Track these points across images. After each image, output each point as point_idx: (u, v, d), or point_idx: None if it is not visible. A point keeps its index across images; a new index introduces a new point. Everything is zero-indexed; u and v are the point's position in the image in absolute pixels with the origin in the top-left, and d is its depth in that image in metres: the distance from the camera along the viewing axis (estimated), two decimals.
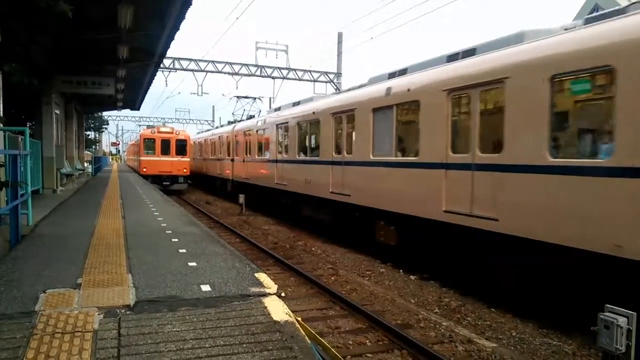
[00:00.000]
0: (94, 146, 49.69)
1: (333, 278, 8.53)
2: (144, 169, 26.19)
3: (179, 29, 11.43)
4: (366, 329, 6.04)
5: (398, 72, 9.56)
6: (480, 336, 5.85)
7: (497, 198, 6.65)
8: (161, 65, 18.96)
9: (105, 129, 56.33)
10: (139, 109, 30.48)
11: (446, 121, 7.67)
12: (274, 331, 3.44)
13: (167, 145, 26.35)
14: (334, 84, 25.94)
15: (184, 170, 26.63)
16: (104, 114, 44.74)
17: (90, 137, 45.75)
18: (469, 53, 7.76)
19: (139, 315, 3.66)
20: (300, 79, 26.31)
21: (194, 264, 5.37)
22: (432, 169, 7.92)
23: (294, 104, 15.39)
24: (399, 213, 8.83)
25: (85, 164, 29.59)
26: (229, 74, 25.18)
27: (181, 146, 26.76)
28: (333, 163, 11.45)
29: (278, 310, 3.88)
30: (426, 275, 8.55)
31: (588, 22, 5.99)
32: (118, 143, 74.96)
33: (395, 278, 8.55)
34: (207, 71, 24.89)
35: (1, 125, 7.88)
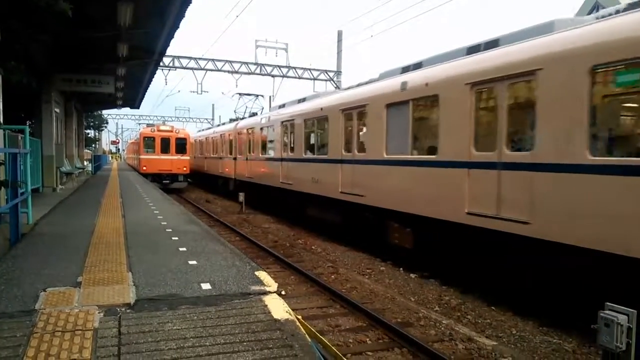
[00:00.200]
0: (93, 145, 49.66)
1: (333, 276, 8.53)
2: (144, 168, 26.18)
3: (178, 27, 11.41)
4: (366, 327, 6.05)
5: (412, 66, 9.08)
6: (480, 334, 5.86)
7: (529, 200, 6.13)
8: (161, 64, 18.97)
9: (105, 127, 56.29)
10: (138, 108, 30.45)
11: (469, 117, 7.17)
12: (274, 329, 3.44)
13: (167, 143, 26.34)
14: (333, 82, 25.91)
15: (184, 168, 26.63)
16: (104, 112, 44.70)
17: (90, 136, 45.70)
18: (492, 45, 7.28)
19: (139, 313, 3.66)
20: (300, 77, 26.28)
21: (194, 262, 5.37)
22: (453, 168, 7.43)
23: (300, 100, 14.97)
24: (415, 215, 8.35)
25: (85, 163, 29.57)
26: (228, 72, 25.15)
27: (181, 145, 26.75)
28: (343, 162, 10.96)
29: (278, 308, 3.88)
30: (426, 274, 8.55)
31: (634, 8, 5.43)
32: (118, 141, 74.90)
33: (395, 276, 8.55)
34: (207, 69, 24.87)
35: (1, 124, 7.87)
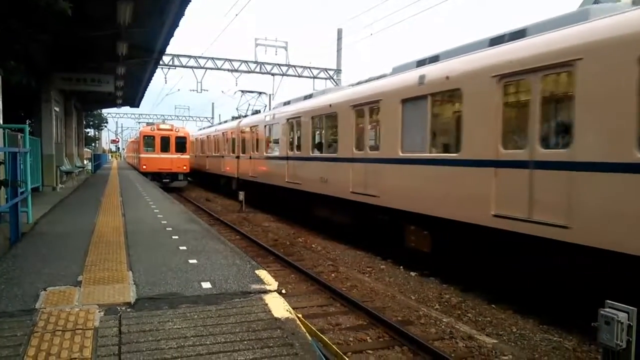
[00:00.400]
0: (93, 144, 49.65)
1: (333, 275, 8.54)
2: (144, 167, 26.18)
3: (178, 26, 11.38)
4: (367, 325, 6.05)
5: (429, 60, 8.65)
6: (480, 332, 5.86)
7: (567, 202, 5.64)
8: (161, 62, 18.95)
9: (105, 126, 56.27)
10: (138, 106, 30.41)
11: (495, 112, 6.68)
12: (274, 328, 3.44)
13: (167, 142, 26.33)
14: (333, 80, 25.89)
15: (184, 167, 26.62)
16: (104, 111, 44.69)
17: (89, 135, 45.70)
18: (518, 35, 6.85)
19: (139, 312, 3.66)
20: (299, 76, 26.28)
21: (195, 261, 5.36)
22: (478, 167, 6.95)
23: (306, 97, 14.55)
24: (434, 217, 7.88)
25: (85, 162, 29.56)
26: (228, 70, 25.15)
27: (181, 143, 26.73)
28: (354, 160, 10.47)
29: (279, 307, 3.88)
30: (426, 272, 8.55)
31: None
32: (117, 140, 74.91)
33: (395, 275, 8.55)
34: (207, 68, 24.86)
35: (0, 123, 7.87)
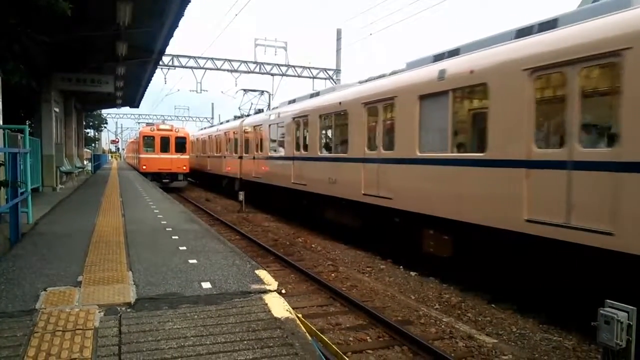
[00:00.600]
0: (93, 144, 49.66)
1: (333, 275, 8.54)
2: (144, 167, 26.18)
3: (178, 26, 11.39)
4: (367, 325, 6.05)
5: (447, 54, 8.17)
6: (480, 332, 5.87)
7: (612, 206, 5.18)
8: (160, 63, 18.96)
9: (105, 126, 56.30)
10: (138, 107, 30.44)
11: (527, 108, 6.17)
12: (274, 328, 3.44)
13: (167, 142, 26.34)
14: (332, 80, 25.91)
15: (184, 167, 26.62)
16: (104, 111, 44.71)
17: (89, 135, 45.72)
18: (549, 25, 6.38)
19: (139, 312, 3.66)
20: (299, 76, 26.31)
21: (195, 261, 5.37)
22: (507, 167, 6.46)
23: (312, 95, 14.18)
24: (456, 221, 7.40)
25: (85, 162, 29.57)
26: (228, 71, 25.19)
27: (181, 144, 26.73)
28: (365, 160, 10.03)
29: (279, 307, 3.88)
30: (426, 272, 8.55)
31: None
32: (117, 141, 74.90)
33: (395, 274, 8.56)
34: (206, 68, 24.90)
35: (1, 123, 7.87)
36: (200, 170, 29.47)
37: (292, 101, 15.57)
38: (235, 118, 24.20)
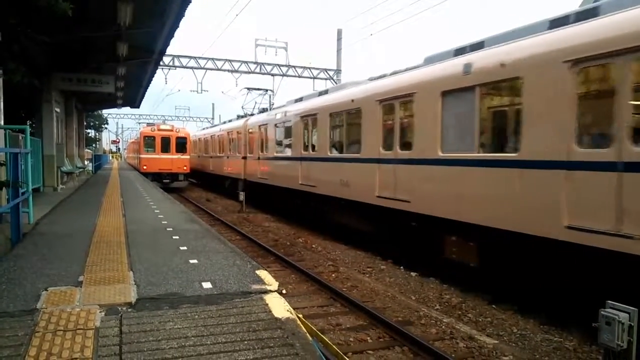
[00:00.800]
0: (94, 144, 49.71)
1: (334, 275, 8.54)
2: (144, 167, 26.21)
3: (178, 27, 11.41)
4: (367, 325, 6.05)
5: (470, 47, 7.62)
6: (481, 333, 5.87)
7: None
8: (161, 63, 18.98)
9: (105, 127, 56.35)
10: (139, 107, 30.48)
11: (568, 103, 5.62)
12: (275, 328, 3.45)
13: (167, 142, 26.37)
14: (333, 80, 25.93)
15: (184, 167, 26.65)
16: (104, 111, 44.77)
17: (90, 135, 45.77)
18: (589, 14, 5.81)
19: (140, 312, 3.67)
20: (299, 76, 26.33)
21: (195, 261, 5.37)
22: (544, 169, 5.94)
23: (321, 92, 13.72)
24: (483, 226, 6.84)
25: (86, 162, 29.61)
26: (228, 71, 25.20)
27: (181, 144, 26.76)
28: (380, 161, 9.48)
29: (279, 307, 3.88)
30: (426, 272, 8.55)
31: None
32: (118, 141, 74.96)
33: (396, 275, 8.55)
34: (207, 68, 24.92)
35: (2, 123, 7.89)
36: (202, 170, 29.16)
37: (299, 99, 15.15)
38: (239, 117, 23.67)
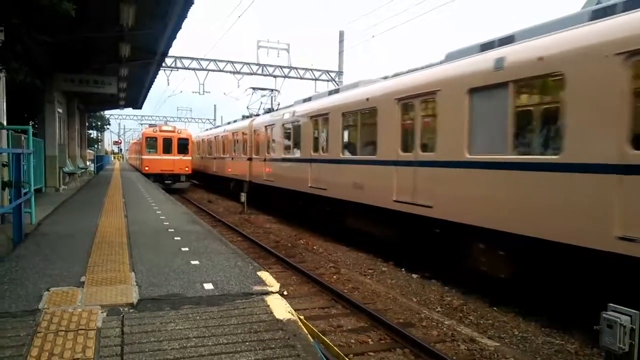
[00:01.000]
0: (96, 145, 49.83)
1: (335, 277, 8.53)
2: (146, 168, 26.26)
3: (181, 28, 11.45)
4: (368, 327, 6.04)
5: (499, 41, 7.12)
6: (482, 335, 5.86)
7: None
8: (163, 64, 19.01)
9: (107, 127, 56.49)
10: (141, 108, 30.60)
11: (620, 100, 5.12)
12: (276, 329, 3.45)
13: (169, 143, 26.43)
14: (335, 82, 25.96)
15: (186, 168, 26.69)
16: (106, 112, 44.90)
17: (92, 136, 45.89)
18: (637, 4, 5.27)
19: (142, 313, 3.67)
20: (301, 78, 26.38)
21: (197, 262, 5.38)
22: (591, 173, 5.40)
23: (331, 92, 13.29)
24: (518, 235, 6.27)
25: (88, 163, 29.67)
26: (230, 72, 25.26)
27: (183, 145, 26.82)
28: (398, 163, 8.91)
29: (280, 308, 3.89)
30: (428, 274, 8.54)
31: None
32: (120, 142, 75.15)
33: (397, 277, 8.55)
34: (209, 70, 24.98)
35: (5, 124, 7.91)
36: (205, 172, 28.71)
37: (308, 99, 14.70)
38: (244, 118, 23.09)
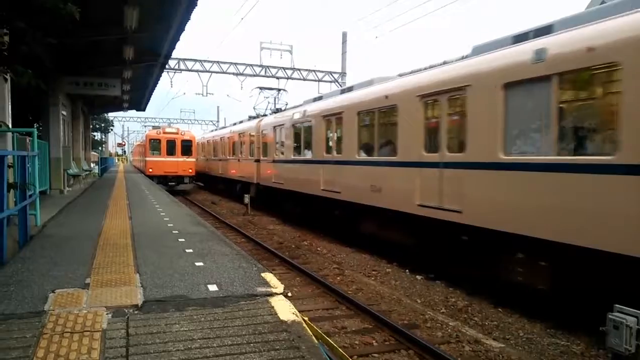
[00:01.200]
0: (100, 147, 50.03)
1: (339, 278, 8.53)
2: (150, 170, 26.33)
3: (184, 30, 11.49)
4: (373, 329, 6.03)
5: (534, 32, 6.57)
6: (487, 336, 5.83)
7: None
8: (166, 66, 19.08)
9: (111, 130, 56.73)
10: (144, 110, 30.80)
11: None
12: (281, 331, 3.45)
13: (173, 145, 26.50)
14: (338, 83, 25.97)
15: (190, 170, 26.74)
16: (110, 114, 45.14)
17: (96, 138, 46.10)
18: None
19: (147, 315, 3.68)
20: (304, 79, 26.41)
21: (201, 263, 5.39)
22: None
23: (343, 90, 12.80)
24: (563, 244, 5.75)
25: (92, 165, 29.78)
26: (233, 74, 25.32)
27: (187, 146, 26.87)
28: (422, 165, 8.39)
29: (285, 310, 3.88)
30: (432, 275, 8.52)
31: None
32: (124, 144, 75.44)
33: (401, 278, 8.53)
34: (212, 72, 25.05)
35: (10, 127, 7.94)
36: (210, 174, 28.38)
37: (319, 98, 14.17)
38: (250, 118, 22.35)
